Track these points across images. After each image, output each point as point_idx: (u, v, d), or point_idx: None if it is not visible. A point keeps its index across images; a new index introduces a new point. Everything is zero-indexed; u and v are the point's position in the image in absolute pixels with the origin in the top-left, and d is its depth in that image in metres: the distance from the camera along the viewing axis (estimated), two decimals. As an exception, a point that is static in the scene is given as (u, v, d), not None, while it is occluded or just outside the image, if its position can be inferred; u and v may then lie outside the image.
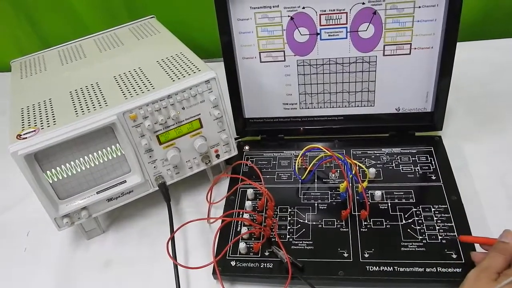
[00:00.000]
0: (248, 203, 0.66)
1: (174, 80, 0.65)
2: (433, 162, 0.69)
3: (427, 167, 0.68)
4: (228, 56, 0.72)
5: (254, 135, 0.80)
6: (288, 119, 0.78)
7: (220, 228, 0.63)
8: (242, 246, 0.60)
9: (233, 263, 0.60)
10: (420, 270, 0.55)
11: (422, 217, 0.61)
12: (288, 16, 0.69)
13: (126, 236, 0.70)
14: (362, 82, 0.72)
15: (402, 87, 0.72)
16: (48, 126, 0.61)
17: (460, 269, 0.54)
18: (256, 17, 0.69)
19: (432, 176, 0.67)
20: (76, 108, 0.64)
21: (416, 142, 0.73)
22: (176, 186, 0.72)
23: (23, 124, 0.63)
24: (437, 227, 0.59)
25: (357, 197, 0.65)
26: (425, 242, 0.58)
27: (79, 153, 0.62)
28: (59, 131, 0.59)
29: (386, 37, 0.68)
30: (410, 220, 0.61)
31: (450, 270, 0.54)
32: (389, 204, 0.64)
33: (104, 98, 0.65)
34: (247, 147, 0.77)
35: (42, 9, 1.10)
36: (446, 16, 0.64)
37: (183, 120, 0.66)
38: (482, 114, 0.80)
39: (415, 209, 0.62)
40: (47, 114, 0.64)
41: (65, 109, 0.65)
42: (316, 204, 0.66)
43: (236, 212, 0.67)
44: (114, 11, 1.07)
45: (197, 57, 0.71)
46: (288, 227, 0.63)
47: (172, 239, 0.62)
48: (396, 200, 0.64)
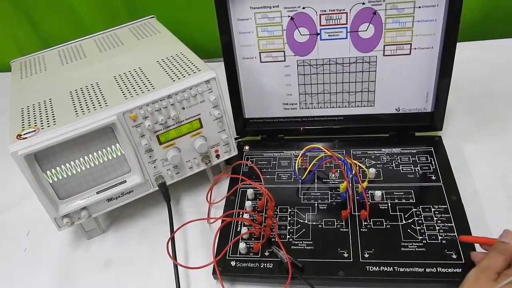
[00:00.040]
0: (248, 203, 0.66)
1: (174, 80, 0.65)
2: (433, 162, 0.69)
3: (427, 167, 0.68)
4: (228, 56, 0.72)
5: (254, 135, 0.80)
6: (288, 119, 0.78)
7: (220, 228, 0.63)
8: (242, 246, 0.60)
9: (233, 263, 0.60)
10: (420, 270, 0.55)
11: (422, 217, 0.61)
12: (288, 16, 0.69)
13: (126, 236, 0.70)
14: (362, 82, 0.72)
15: (402, 87, 0.72)
16: (48, 126, 0.61)
17: (460, 269, 0.54)
18: (256, 17, 0.69)
19: (432, 176, 0.67)
20: (76, 108, 0.64)
21: (416, 142, 0.73)
22: (176, 186, 0.72)
23: (23, 124, 0.63)
24: (437, 227, 0.59)
25: (357, 197, 0.65)
26: (425, 242, 0.58)
27: (79, 153, 0.62)
28: (59, 131, 0.59)
29: (386, 37, 0.68)
30: (410, 220, 0.61)
31: (450, 270, 0.54)
32: (389, 204, 0.64)
33: (104, 98, 0.65)
34: (247, 147, 0.77)
35: (42, 9, 1.10)
36: (446, 16, 0.64)
37: (183, 120, 0.66)
38: (482, 114, 0.80)
39: (415, 209, 0.62)
40: (47, 114, 0.64)
41: (65, 109, 0.65)
42: (316, 204, 0.66)
43: (236, 212, 0.67)
44: (114, 11, 1.07)
45: (197, 57, 0.71)
46: (288, 227, 0.63)
47: (172, 239, 0.62)
48: (396, 200, 0.64)
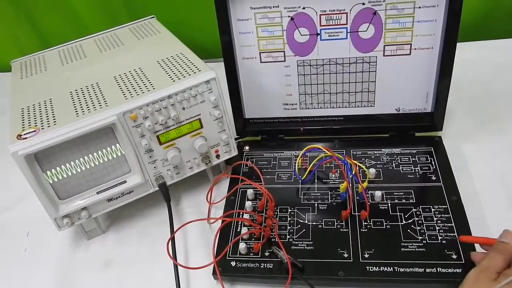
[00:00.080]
0: (248, 204, 0.66)
1: (174, 80, 0.65)
2: (433, 163, 0.69)
3: (427, 168, 0.68)
4: (228, 56, 0.72)
5: (254, 135, 0.80)
6: (288, 119, 0.78)
7: (220, 229, 0.63)
8: (242, 246, 0.60)
9: (233, 264, 0.60)
10: (420, 270, 0.55)
11: (422, 217, 0.61)
12: (288, 16, 0.69)
13: (126, 236, 0.70)
14: (362, 82, 0.72)
15: (402, 88, 0.72)
16: (49, 126, 0.61)
17: (460, 269, 0.54)
18: (256, 17, 0.69)
19: (432, 177, 0.67)
20: (76, 108, 0.64)
21: (416, 143, 0.73)
22: (176, 186, 0.72)
23: (23, 124, 0.63)
24: (437, 228, 0.59)
25: (357, 197, 0.65)
26: (425, 242, 0.58)
27: (79, 153, 0.62)
28: (59, 131, 0.59)
29: (386, 37, 0.68)
30: (410, 221, 0.61)
31: (450, 270, 0.54)
32: (389, 204, 0.64)
33: (104, 98, 0.65)
34: (247, 147, 0.77)
35: (42, 9, 1.10)
36: (446, 17, 0.64)
37: (183, 120, 0.66)
38: (482, 114, 0.80)
39: (415, 209, 0.62)
40: (47, 114, 0.64)
41: (65, 109, 0.65)
42: (316, 205, 0.66)
43: (236, 213, 0.67)
44: (114, 11, 1.07)
45: (197, 57, 0.71)
46: (288, 228, 0.63)
47: (172, 239, 0.62)
48: (396, 201, 0.64)
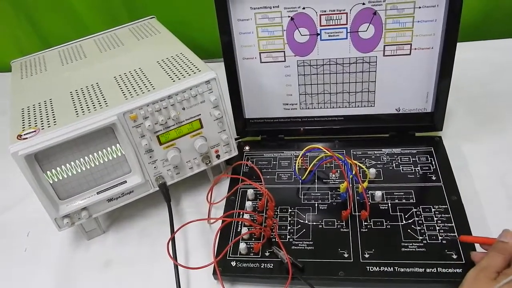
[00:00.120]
0: (248, 204, 0.66)
1: (174, 81, 0.65)
2: (433, 163, 0.69)
3: (427, 168, 0.68)
4: (228, 56, 0.72)
5: (255, 135, 0.80)
6: (288, 120, 0.78)
7: (221, 229, 0.63)
8: (243, 246, 0.60)
9: (233, 264, 0.60)
10: (421, 270, 0.55)
11: (422, 217, 0.61)
12: (288, 16, 0.69)
13: (127, 236, 0.70)
14: (362, 82, 0.72)
15: (402, 88, 0.72)
16: (49, 127, 0.61)
17: (460, 269, 0.54)
18: (256, 17, 0.69)
19: (432, 177, 0.67)
20: (76, 109, 0.64)
21: (416, 143, 0.73)
22: (177, 186, 0.72)
23: (23, 125, 0.63)
24: (437, 228, 0.59)
25: (357, 197, 0.65)
26: (425, 242, 0.58)
27: (80, 153, 0.62)
28: (60, 131, 0.59)
29: (386, 37, 0.68)
30: (410, 221, 0.61)
31: (450, 270, 0.54)
32: (389, 204, 0.64)
33: (104, 99, 0.65)
34: (247, 148, 0.77)
35: (42, 9, 1.10)
36: (446, 17, 0.64)
37: (184, 121, 0.66)
38: (482, 114, 0.80)
39: (415, 209, 0.62)
40: (47, 115, 0.64)
41: (65, 109, 0.65)
42: (316, 205, 0.66)
43: (236, 213, 0.67)
44: (114, 12, 1.07)
45: (197, 57, 0.71)
46: (289, 228, 0.63)
47: (173, 239, 0.62)
48: (396, 201, 0.64)
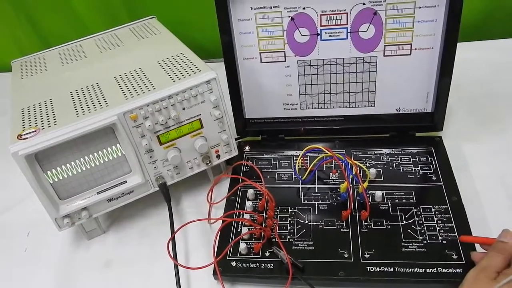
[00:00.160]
0: (248, 204, 0.66)
1: (174, 81, 0.65)
2: (433, 163, 0.69)
3: (427, 168, 0.68)
4: (228, 56, 0.72)
5: (255, 135, 0.80)
6: (288, 120, 0.78)
7: (221, 229, 0.63)
8: (243, 246, 0.60)
9: (233, 264, 0.60)
10: (421, 270, 0.55)
11: (422, 217, 0.61)
12: (289, 16, 0.69)
13: (127, 236, 0.70)
14: (362, 82, 0.72)
15: (403, 88, 0.72)
16: (49, 126, 0.61)
17: (460, 269, 0.54)
18: (257, 17, 0.69)
19: (432, 177, 0.67)
20: (76, 109, 0.64)
21: (416, 143, 0.73)
22: (177, 186, 0.72)
23: (23, 125, 0.63)
24: (437, 228, 0.59)
25: (357, 197, 0.65)
26: (425, 242, 0.58)
27: (80, 153, 0.62)
28: (60, 131, 0.59)
29: (386, 37, 0.68)
30: (410, 221, 0.61)
31: (450, 270, 0.54)
32: (389, 204, 0.64)
33: (104, 99, 0.65)
34: (247, 148, 0.77)
35: (42, 9, 1.10)
36: (446, 17, 0.64)
37: (184, 121, 0.66)
38: (483, 115, 0.80)
39: (415, 209, 0.62)
40: (47, 114, 0.64)
41: (65, 109, 0.65)
42: (316, 205, 0.66)
43: (236, 213, 0.67)
44: (114, 12, 1.07)
45: (197, 57, 0.71)
46: (289, 228, 0.63)
47: (173, 239, 0.62)
48: (397, 201, 0.64)
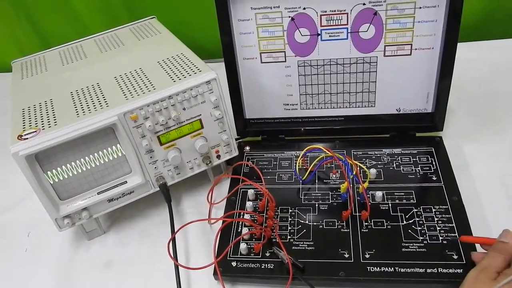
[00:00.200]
0: (249, 204, 0.66)
1: (175, 81, 0.65)
2: (433, 163, 0.69)
3: (427, 168, 0.68)
4: (228, 56, 0.72)
5: (255, 135, 0.80)
6: (288, 120, 0.78)
7: (221, 229, 0.63)
8: (243, 246, 0.60)
9: (234, 264, 0.60)
10: (421, 270, 0.55)
11: (423, 217, 0.61)
12: (289, 16, 0.69)
13: (127, 236, 0.70)
14: (362, 82, 0.72)
15: (403, 88, 0.72)
16: (49, 127, 0.61)
17: (461, 269, 0.54)
18: (257, 17, 0.69)
19: (433, 177, 0.67)
20: (77, 109, 0.64)
21: (416, 143, 0.73)
22: (177, 186, 0.72)
23: (24, 125, 0.63)
24: (438, 228, 0.59)
25: (357, 197, 0.65)
26: (426, 242, 0.58)
27: (80, 153, 0.62)
28: (60, 131, 0.59)
29: (386, 37, 0.68)
30: (411, 221, 0.61)
31: (451, 270, 0.54)
32: (389, 204, 0.64)
33: (104, 99, 0.65)
34: (247, 148, 0.77)
35: (42, 9, 1.10)
36: (446, 17, 0.64)
37: (184, 121, 0.66)
38: (483, 115, 0.80)
39: (416, 209, 0.62)
40: (48, 115, 0.64)
41: (66, 109, 0.65)
42: (317, 205, 0.66)
43: (237, 213, 0.67)
44: (114, 12, 1.07)
45: (197, 57, 0.71)
46: (289, 228, 0.63)
47: (173, 239, 0.62)
48: (397, 201, 0.64)
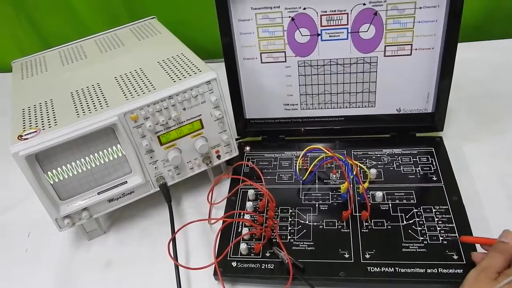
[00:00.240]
0: (249, 204, 0.66)
1: (175, 81, 0.65)
2: (434, 163, 0.69)
3: (428, 168, 0.68)
4: (229, 56, 0.72)
5: (255, 135, 0.80)
6: (289, 120, 0.78)
7: (221, 229, 0.63)
8: (243, 247, 0.60)
9: (234, 264, 0.60)
10: (421, 271, 0.55)
11: (423, 218, 0.61)
12: (289, 16, 0.69)
13: (127, 236, 0.70)
14: (363, 83, 0.72)
15: (403, 88, 0.72)
16: (49, 127, 0.61)
17: (461, 270, 0.54)
18: (257, 17, 0.69)
19: (433, 177, 0.67)
20: (77, 109, 0.64)
21: (417, 143, 0.73)
22: (177, 186, 0.72)
23: (24, 125, 0.63)
24: (438, 228, 0.59)
25: (358, 198, 0.65)
26: (426, 243, 0.58)
27: (80, 153, 0.62)
28: (60, 131, 0.59)
29: (387, 38, 0.68)
30: (411, 221, 0.61)
31: (451, 271, 0.54)
32: (390, 205, 0.64)
33: (105, 99, 0.65)
34: (248, 148, 0.77)
35: (42, 9, 1.10)
36: (447, 17, 0.64)
37: (184, 121, 0.66)
38: (483, 115, 0.80)
39: (416, 210, 0.62)
40: (48, 115, 0.64)
41: (66, 109, 0.65)
42: (317, 205, 0.66)
43: (237, 213, 0.67)
44: (114, 12, 1.07)
45: (198, 57, 0.71)
46: (289, 228, 0.63)
47: (173, 239, 0.62)
48: (397, 201, 0.64)
